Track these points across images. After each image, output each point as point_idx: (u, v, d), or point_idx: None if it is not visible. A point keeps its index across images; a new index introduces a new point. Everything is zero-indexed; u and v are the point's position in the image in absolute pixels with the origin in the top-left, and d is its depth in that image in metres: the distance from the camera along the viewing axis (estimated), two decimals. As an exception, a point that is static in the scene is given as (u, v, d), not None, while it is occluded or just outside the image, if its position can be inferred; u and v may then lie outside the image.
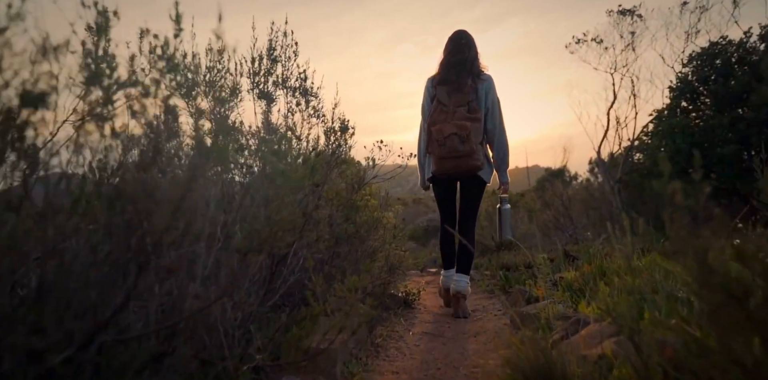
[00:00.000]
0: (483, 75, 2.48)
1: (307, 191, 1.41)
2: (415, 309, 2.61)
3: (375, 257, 2.31)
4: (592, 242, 4.88)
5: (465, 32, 2.57)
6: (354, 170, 1.97)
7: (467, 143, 2.29)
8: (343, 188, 1.95)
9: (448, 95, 2.42)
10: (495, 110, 2.46)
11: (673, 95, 7.48)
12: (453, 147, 2.30)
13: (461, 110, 2.38)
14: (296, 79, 1.52)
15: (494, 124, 2.46)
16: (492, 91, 2.46)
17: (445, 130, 2.32)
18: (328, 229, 2.02)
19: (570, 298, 2.11)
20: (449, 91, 2.43)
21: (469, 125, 2.32)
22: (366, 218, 2.22)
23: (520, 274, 3.60)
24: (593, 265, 2.62)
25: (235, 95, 1.40)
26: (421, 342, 1.78)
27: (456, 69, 2.45)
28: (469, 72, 2.44)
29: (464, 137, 2.29)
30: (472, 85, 2.41)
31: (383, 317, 2.07)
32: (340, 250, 2.19)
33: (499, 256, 5.84)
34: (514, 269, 4.22)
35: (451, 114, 2.38)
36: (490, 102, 2.44)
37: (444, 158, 2.34)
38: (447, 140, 2.31)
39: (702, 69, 7.08)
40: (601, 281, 1.82)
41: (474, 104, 2.39)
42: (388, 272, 2.33)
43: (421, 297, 3.17)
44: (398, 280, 2.68)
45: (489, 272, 4.57)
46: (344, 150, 1.52)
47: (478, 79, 2.44)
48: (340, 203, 2.10)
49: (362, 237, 2.29)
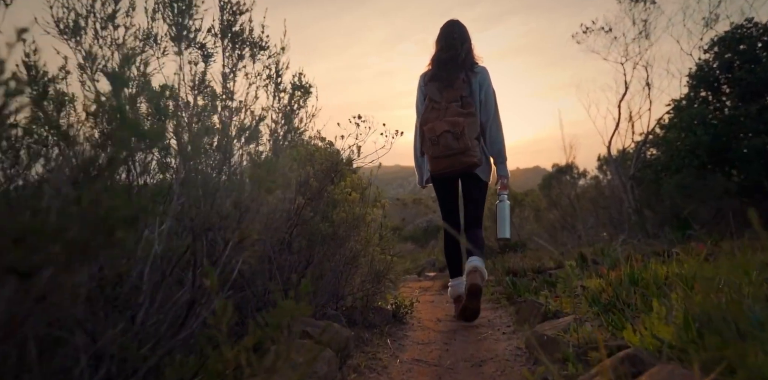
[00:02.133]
0: (477, 67, 2.46)
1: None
2: (406, 324, 2.25)
3: (356, 263, 1.95)
4: (608, 243, 4.51)
5: (457, 24, 2.54)
6: (325, 153, 1.61)
7: (461, 140, 2.27)
8: (311, 174, 1.59)
9: (439, 92, 2.41)
10: (489, 102, 2.44)
11: (691, 84, 7.12)
12: (447, 145, 2.27)
13: (454, 105, 2.36)
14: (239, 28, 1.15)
15: (488, 116, 2.43)
16: (486, 82, 2.44)
17: (437, 128, 2.30)
18: (294, 227, 1.66)
19: (599, 315, 1.75)
20: (440, 87, 2.41)
21: (462, 121, 2.29)
22: (345, 215, 1.86)
23: (529, 281, 3.24)
24: (621, 272, 2.26)
25: (149, 41, 1.02)
26: (409, 375, 1.42)
27: (447, 66, 2.44)
28: (462, 67, 2.43)
29: (458, 133, 2.27)
30: (464, 79, 2.40)
31: (364, 339, 1.71)
32: (314, 254, 1.83)
33: (504, 259, 5.47)
34: (522, 274, 3.86)
35: (443, 111, 2.36)
36: (483, 94, 2.43)
37: (439, 158, 2.31)
38: (440, 138, 2.29)
39: (724, 55, 6.73)
40: (652, 298, 1.46)
41: (468, 98, 2.38)
42: (373, 281, 1.97)
43: (416, 308, 2.80)
44: (387, 290, 2.31)
45: (494, 277, 4.21)
46: (301, 120, 1.16)
47: (471, 73, 2.42)
48: (311, 196, 1.73)
49: (341, 238, 1.92)
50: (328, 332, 1.50)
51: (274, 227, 1.67)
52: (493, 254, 6.65)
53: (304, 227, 1.86)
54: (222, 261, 0.92)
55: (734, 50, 6.65)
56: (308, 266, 1.79)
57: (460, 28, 2.52)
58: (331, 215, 1.90)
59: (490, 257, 6.40)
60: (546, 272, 3.56)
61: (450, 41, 2.48)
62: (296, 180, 1.65)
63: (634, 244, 4.06)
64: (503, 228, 2.51)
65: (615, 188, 9.90)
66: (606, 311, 1.78)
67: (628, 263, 2.44)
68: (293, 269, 1.74)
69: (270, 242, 1.57)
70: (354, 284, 1.93)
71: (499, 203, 2.56)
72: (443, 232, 2.59)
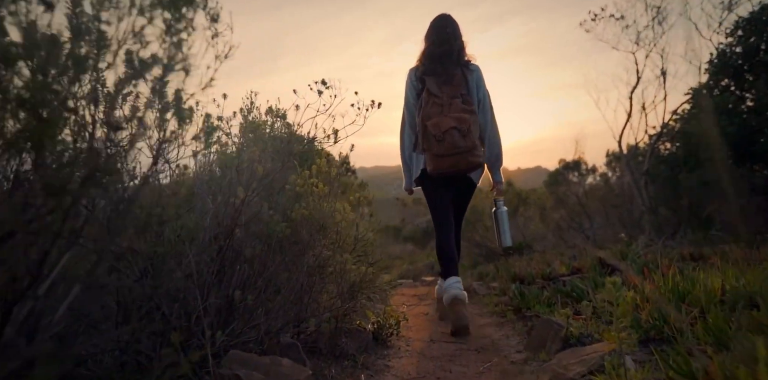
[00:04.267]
0: (471, 65, 2.42)
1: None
2: (391, 348, 1.87)
3: (324, 275, 1.56)
4: (627, 244, 4.13)
5: (449, 18, 2.48)
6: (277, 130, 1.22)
7: (468, 138, 2.21)
8: (256, 157, 1.21)
9: (438, 87, 2.33)
10: (485, 103, 2.42)
11: (712, 71, 6.76)
12: (453, 143, 2.19)
13: (456, 101, 2.29)
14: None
15: (486, 118, 2.40)
16: (482, 82, 2.41)
17: (443, 124, 2.22)
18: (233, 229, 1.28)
19: (644, 344, 1.37)
20: (438, 82, 2.34)
21: (468, 118, 2.24)
22: (306, 212, 1.48)
23: (539, 290, 2.87)
24: (658, 283, 1.89)
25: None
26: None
27: (443, 60, 2.38)
28: (457, 63, 2.38)
29: (465, 130, 2.21)
30: (461, 76, 2.35)
31: (329, 377, 1.33)
32: (268, 263, 1.45)
33: (509, 263, 5.08)
34: (530, 281, 3.48)
35: (446, 107, 2.28)
36: (481, 94, 2.40)
37: (442, 156, 2.22)
38: (446, 135, 2.21)
39: (749, 39, 6.37)
40: (719, 326, 1.08)
41: (467, 96, 2.33)
42: (345, 298, 1.58)
43: (406, 323, 2.42)
44: (367, 306, 1.93)
45: (497, 284, 3.82)
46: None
47: (467, 70, 2.38)
48: (260, 185, 1.36)
49: (304, 243, 1.54)
50: (272, 374, 1.12)
51: (210, 229, 1.29)
52: (496, 258, 6.27)
53: (258, 229, 1.47)
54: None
55: (760, 34, 6.29)
56: (258, 279, 1.41)
57: (452, 23, 2.46)
58: (289, 212, 1.52)
59: (492, 260, 6.02)
60: (558, 280, 3.18)
61: (443, 36, 2.41)
62: (235, 166, 1.27)
63: (657, 246, 3.70)
64: (504, 237, 2.53)
65: (626, 186, 9.54)
66: (651, 339, 1.40)
67: (666, 270, 2.07)
68: (240, 284, 1.36)
69: (197, 249, 1.19)
70: (321, 301, 1.55)
71: (497, 211, 2.55)
72: (436, 235, 2.49)
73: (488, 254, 6.36)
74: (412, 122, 2.43)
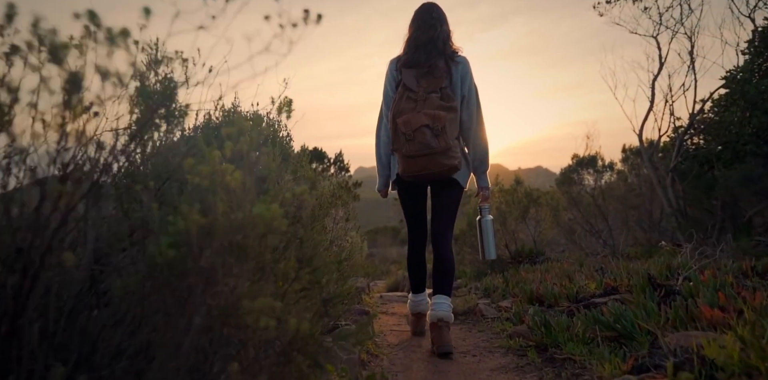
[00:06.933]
0: (457, 57, 2.33)
1: None
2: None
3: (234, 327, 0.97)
4: (670, 254, 3.52)
5: (435, 5, 2.40)
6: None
7: (442, 138, 2.12)
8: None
9: (416, 80, 2.25)
10: (472, 98, 2.31)
11: (752, 52, 6.18)
12: (424, 142, 2.11)
13: (433, 97, 2.20)
14: None
15: (470, 114, 2.30)
16: (469, 76, 2.31)
17: (414, 121, 2.14)
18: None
19: None
20: (418, 75, 2.26)
21: (444, 116, 2.15)
22: (199, 218, 0.90)
23: (566, 316, 2.28)
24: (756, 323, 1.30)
25: None
26: None
27: (426, 48, 2.29)
28: (442, 53, 2.29)
29: (438, 129, 2.12)
30: (445, 68, 2.26)
31: None
32: (144, 306, 0.88)
33: (520, 275, 4.43)
34: (551, 303, 2.90)
35: (421, 102, 2.20)
36: (466, 89, 2.29)
37: (413, 157, 2.14)
38: (416, 134, 2.13)
39: (794, 16, 5.82)
40: None
41: (448, 90, 2.23)
42: (276, 362, 0.99)
43: (394, 367, 1.84)
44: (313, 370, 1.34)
45: (510, 304, 3.22)
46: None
47: (452, 62, 2.28)
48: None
49: (206, 271, 0.95)
50: None
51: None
52: (505, 266, 5.68)
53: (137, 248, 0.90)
54: None
55: (808, 9, 5.74)
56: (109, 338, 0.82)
57: (438, 9, 2.38)
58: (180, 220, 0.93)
59: (501, 270, 5.43)
60: (590, 302, 2.59)
61: (428, 21, 2.32)
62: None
63: (709, 256, 3.12)
64: (489, 248, 2.39)
65: (645, 184, 8.96)
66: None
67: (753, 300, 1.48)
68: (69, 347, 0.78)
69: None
70: (230, 371, 0.96)
71: (481, 219, 2.43)
72: (408, 244, 2.49)
73: (495, 263, 5.75)
74: (390, 118, 2.32)
